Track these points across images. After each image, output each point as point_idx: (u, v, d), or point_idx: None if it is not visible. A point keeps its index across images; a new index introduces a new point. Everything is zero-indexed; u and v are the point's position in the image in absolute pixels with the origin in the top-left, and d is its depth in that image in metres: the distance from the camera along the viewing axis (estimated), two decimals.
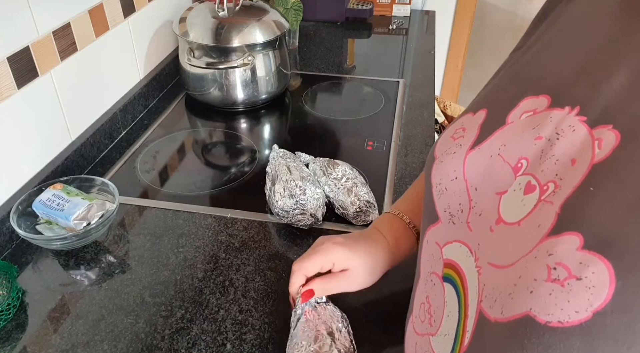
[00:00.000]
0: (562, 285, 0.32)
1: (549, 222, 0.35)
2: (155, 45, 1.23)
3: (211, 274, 0.76)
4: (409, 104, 1.21)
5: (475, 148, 0.44)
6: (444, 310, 0.45)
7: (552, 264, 0.33)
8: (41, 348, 0.65)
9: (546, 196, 0.36)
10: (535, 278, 0.34)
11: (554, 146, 0.38)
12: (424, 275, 0.50)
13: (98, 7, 0.99)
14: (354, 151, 1.04)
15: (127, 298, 0.72)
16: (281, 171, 0.85)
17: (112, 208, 0.80)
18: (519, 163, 0.40)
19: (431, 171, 0.48)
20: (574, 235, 0.33)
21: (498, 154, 0.41)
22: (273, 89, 1.19)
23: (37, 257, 0.79)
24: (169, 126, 1.14)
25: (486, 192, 0.42)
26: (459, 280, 0.44)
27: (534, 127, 0.40)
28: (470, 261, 0.42)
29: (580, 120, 0.37)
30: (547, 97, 0.41)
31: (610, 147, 0.34)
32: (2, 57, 0.77)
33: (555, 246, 0.33)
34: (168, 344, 0.66)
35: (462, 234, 0.44)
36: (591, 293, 0.31)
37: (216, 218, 0.86)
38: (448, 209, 0.45)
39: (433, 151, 0.49)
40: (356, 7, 1.66)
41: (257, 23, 1.12)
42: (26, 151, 0.86)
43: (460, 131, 0.47)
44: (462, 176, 0.44)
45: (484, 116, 0.45)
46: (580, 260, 0.32)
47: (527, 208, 0.37)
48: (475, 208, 0.42)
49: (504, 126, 0.42)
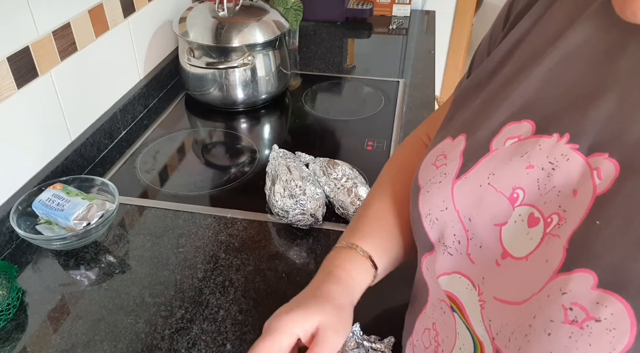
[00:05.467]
0: (582, 328, 0.31)
1: (558, 257, 0.34)
2: (155, 45, 1.23)
3: (211, 274, 0.76)
4: (409, 104, 1.21)
5: (461, 177, 0.43)
6: (456, 342, 0.44)
7: (568, 304, 0.32)
8: (41, 348, 0.65)
9: (551, 229, 0.36)
10: (552, 319, 0.33)
11: (551, 177, 0.37)
12: (432, 300, 0.48)
13: (98, 7, 0.99)
14: (354, 151, 1.04)
15: (127, 298, 0.72)
16: (281, 171, 0.85)
17: (112, 208, 0.80)
18: (514, 193, 0.39)
19: (418, 201, 0.46)
20: (587, 272, 0.32)
21: (488, 184, 0.40)
22: (273, 89, 1.19)
23: (37, 257, 0.79)
24: (169, 126, 1.14)
25: (482, 223, 0.41)
26: (461, 313, 0.43)
27: (522, 156, 0.39)
28: (473, 295, 0.41)
29: (572, 148, 0.36)
30: (531, 123, 0.40)
31: (611, 178, 0.34)
32: (2, 57, 0.77)
33: (568, 284, 0.33)
34: (168, 344, 0.66)
35: (462, 266, 0.43)
36: (613, 335, 0.30)
37: (216, 218, 0.86)
38: (442, 240, 0.44)
39: (416, 179, 0.48)
40: (356, 7, 1.66)
41: (257, 23, 1.12)
42: (26, 151, 0.86)
43: (442, 158, 0.46)
44: (452, 207, 0.43)
45: (464, 142, 0.44)
46: (597, 300, 0.31)
47: (534, 242, 0.36)
48: (473, 239, 0.42)
49: (488, 154, 0.42)
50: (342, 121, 1.15)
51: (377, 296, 0.71)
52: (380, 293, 0.72)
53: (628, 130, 0.34)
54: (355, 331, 0.63)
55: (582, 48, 0.40)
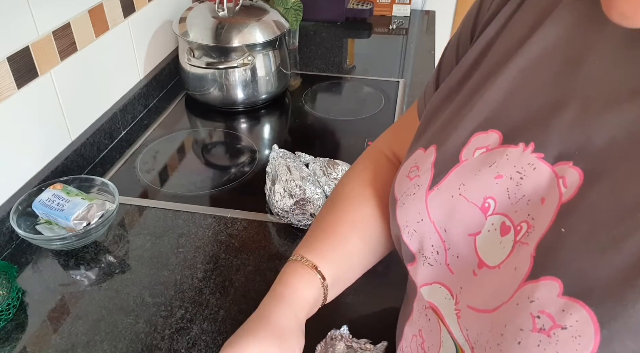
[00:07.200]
0: (549, 335, 0.32)
1: (526, 266, 0.35)
2: (155, 45, 1.23)
3: (211, 274, 0.76)
4: (408, 104, 1.21)
5: (433, 188, 0.43)
6: (440, 350, 0.44)
7: (536, 312, 0.33)
8: (41, 348, 0.65)
9: (520, 237, 0.36)
10: (522, 328, 0.33)
11: (520, 186, 0.37)
12: (417, 308, 0.49)
13: (98, 7, 0.99)
14: (354, 151, 1.04)
15: (127, 298, 0.72)
16: (281, 171, 0.85)
17: (112, 208, 0.80)
18: (486, 202, 0.39)
19: (396, 213, 0.47)
20: (553, 280, 0.32)
21: (459, 195, 0.41)
22: (273, 89, 1.19)
23: (37, 257, 0.79)
24: (169, 126, 1.14)
25: (457, 233, 0.41)
26: (443, 323, 0.43)
27: (490, 166, 0.39)
28: (450, 304, 0.42)
29: (538, 157, 0.37)
30: (497, 133, 0.40)
31: (575, 186, 0.34)
32: (2, 57, 0.77)
33: (535, 292, 0.33)
34: (168, 344, 0.66)
35: (442, 276, 0.43)
36: (578, 343, 0.30)
37: (216, 218, 0.86)
38: (422, 250, 0.45)
39: (393, 192, 0.48)
40: (356, 7, 1.66)
41: (257, 23, 1.12)
42: (26, 151, 0.86)
43: (415, 169, 0.46)
44: (427, 219, 0.43)
45: (434, 152, 0.44)
46: (563, 307, 0.31)
47: (506, 250, 0.37)
48: (450, 249, 0.42)
49: (458, 164, 0.42)
50: (342, 121, 1.15)
51: (377, 297, 0.71)
52: (380, 295, 0.72)
53: (591, 138, 0.35)
54: (344, 333, 0.63)
55: (545, 56, 0.40)
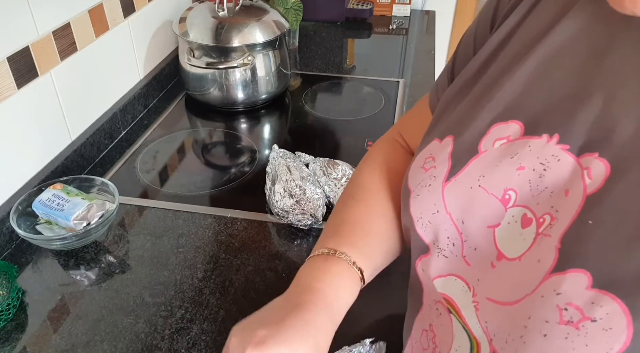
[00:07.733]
0: (577, 328, 0.31)
1: (551, 257, 0.34)
2: (155, 45, 1.23)
3: (211, 274, 0.76)
4: (409, 104, 1.21)
5: (451, 179, 0.42)
6: (452, 344, 0.44)
7: (563, 304, 0.32)
8: (41, 348, 0.65)
9: (543, 229, 0.36)
10: (547, 320, 0.33)
11: (543, 177, 0.37)
12: (427, 302, 0.48)
13: (98, 7, 0.99)
14: (354, 151, 1.04)
15: (127, 298, 0.72)
16: (281, 171, 0.85)
17: (112, 208, 0.80)
18: (506, 194, 0.39)
19: (409, 204, 0.46)
20: (581, 272, 0.32)
21: (479, 186, 0.40)
22: (273, 89, 1.19)
23: (37, 257, 0.79)
24: (169, 126, 1.14)
25: (475, 225, 0.41)
26: (457, 315, 0.43)
27: (512, 157, 0.39)
28: (467, 296, 0.41)
29: (563, 149, 0.37)
30: (518, 123, 0.40)
31: (601, 177, 0.34)
32: (2, 57, 0.77)
33: (561, 284, 0.33)
34: (168, 344, 0.66)
35: (458, 268, 0.42)
36: (609, 335, 0.30)
37: (216, 218, 0.86)
38: (436, 242, 0.44)
39: (406, 183, 0.48)
40: (356, 7, 1.66)
41: (257, 23, 1.12)
42: (26, 151, 0.86)
43: (431, 160, 0.46)
44: (443, 210, 0.43)
45: (452, 143, 0.44)
46: (592, 300, 0.31)
47: (527, 242, 0.36)
48: (467, 241, 0.41)
49: (477, 155, 0.41)
50: (342, 121, 1.15)
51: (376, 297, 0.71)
52: (380, 293, 0.72)
53: (617, 129, 0.34)
54: None
55: (568, 46, 0.39)
